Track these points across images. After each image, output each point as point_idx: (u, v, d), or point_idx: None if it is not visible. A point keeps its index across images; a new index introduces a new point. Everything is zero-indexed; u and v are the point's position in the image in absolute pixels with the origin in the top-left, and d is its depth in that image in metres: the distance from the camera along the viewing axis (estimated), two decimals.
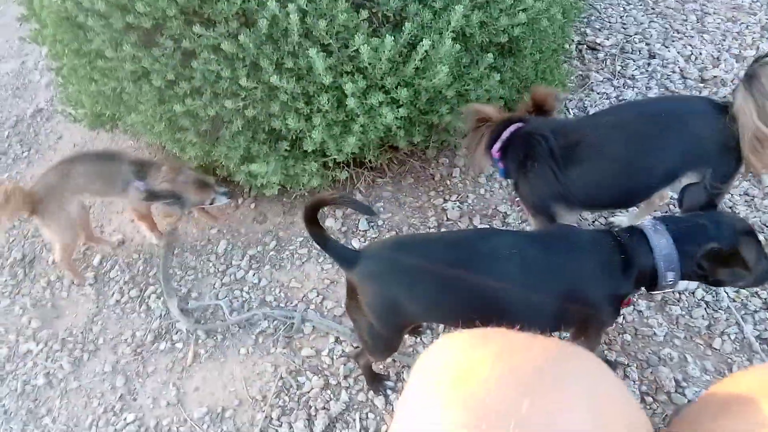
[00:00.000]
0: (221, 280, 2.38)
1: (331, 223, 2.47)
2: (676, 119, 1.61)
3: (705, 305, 1.89)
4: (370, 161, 2.43)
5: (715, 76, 2.69)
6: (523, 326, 0.81)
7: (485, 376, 0.69)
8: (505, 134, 1.81)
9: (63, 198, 2.29)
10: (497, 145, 1.82)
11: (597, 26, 3.08)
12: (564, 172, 1.71)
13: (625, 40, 2.96)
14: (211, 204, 2.44)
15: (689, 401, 1.66)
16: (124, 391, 2.13)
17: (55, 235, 2.34)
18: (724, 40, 2.90)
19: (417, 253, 1.47)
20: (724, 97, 2.59)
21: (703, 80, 2.69)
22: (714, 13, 3.06)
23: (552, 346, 0.79)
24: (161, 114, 2.20)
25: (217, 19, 1.93)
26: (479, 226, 2.32)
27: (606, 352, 1.82)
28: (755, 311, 1.85)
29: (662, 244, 1.35)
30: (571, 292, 1.40)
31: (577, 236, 1.49)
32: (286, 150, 2.19)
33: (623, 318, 1.90)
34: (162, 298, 2.37)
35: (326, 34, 1.90)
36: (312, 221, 1.48)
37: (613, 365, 1.77)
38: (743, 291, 1.89)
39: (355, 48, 1.89)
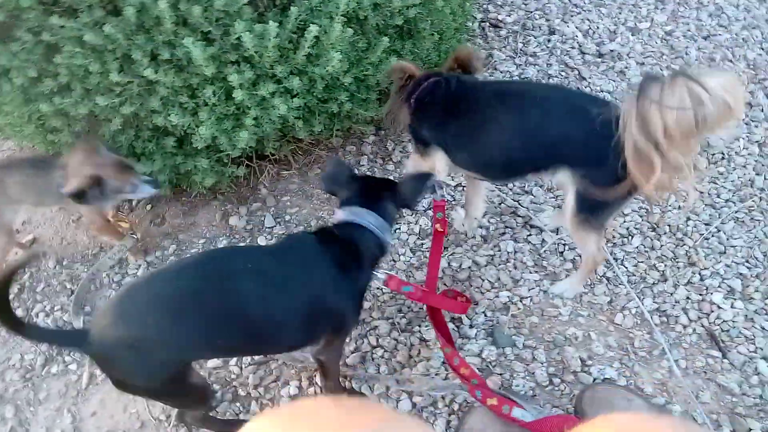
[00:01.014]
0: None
1: (235, 221, 2.34)
2: (550, 111, 1.58)
3: (606, 281, 1.92)
4: (272, 153, 2.31)
5: (611, 50, 2.73)
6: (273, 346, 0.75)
7: None
8: (425, 83, 1.81)
9: None
10: (416, 94, 1.82)
11: (499, 2, 3.05)
12: (444, 122, 1.76)
13: (526, 17, 2.96)
14: (133, 193, 2.09)
15: (594, 380, 1.68)
16: (14, 422, 1.94)
17: None
18: (620, 13, 2.95)
19: (143, 300, 1.32)
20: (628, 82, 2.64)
21: (600, 55, 2.72)
22: None
23: (372, 421, 0.73)
24: (28, 115, 1.98)
25: (79, 8, 1.73)
26: None
27: (515, 337, 1.82)
28: (654, 284, 1.90)
29: (371, 219, 1.53)
30: (313, 302, 1.41)
31: (305, 244, 1.52)
32: (173, 147, 2.03)
33: (530, 300, 1.90)
34: (52, 316, 2.17)
35: (204, 20, 1.74)
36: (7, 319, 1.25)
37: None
38: (641, 265, 1.94)
39: (237, 35, 1.75)
